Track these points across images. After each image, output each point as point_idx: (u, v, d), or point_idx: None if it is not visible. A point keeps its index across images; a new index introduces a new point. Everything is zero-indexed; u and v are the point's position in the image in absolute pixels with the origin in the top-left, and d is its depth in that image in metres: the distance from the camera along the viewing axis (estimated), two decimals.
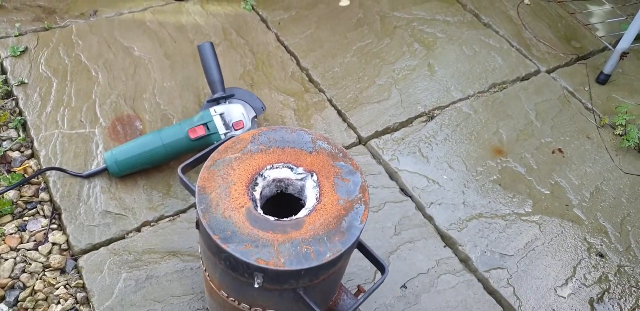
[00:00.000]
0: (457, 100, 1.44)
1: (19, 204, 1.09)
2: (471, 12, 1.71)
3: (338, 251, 0.61)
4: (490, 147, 1.34)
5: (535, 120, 1.42)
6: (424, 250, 1.12)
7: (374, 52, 1.52)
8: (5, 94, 1.28)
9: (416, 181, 1.23)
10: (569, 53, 1.63)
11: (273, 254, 0.59)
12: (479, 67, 1.53)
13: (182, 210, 1.11)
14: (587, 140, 1.40)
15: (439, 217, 1.18)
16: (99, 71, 1.35)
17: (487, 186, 1.25)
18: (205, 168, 0.66)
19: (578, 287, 1.11)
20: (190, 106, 1.30)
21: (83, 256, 1.02)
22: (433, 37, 1.60)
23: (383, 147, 1.29)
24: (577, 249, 1.17)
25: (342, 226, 0.63)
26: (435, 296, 1.05)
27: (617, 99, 1.52)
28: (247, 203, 0.63)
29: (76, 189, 1.11)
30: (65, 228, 1.06)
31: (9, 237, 1.04)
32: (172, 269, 1.02)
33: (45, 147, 1.18)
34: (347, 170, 0.69)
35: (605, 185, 1.30)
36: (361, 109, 1.37)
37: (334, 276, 0.69)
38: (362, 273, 1.06)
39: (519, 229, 1.18)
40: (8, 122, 1.23)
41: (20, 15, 1.46)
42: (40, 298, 0.98)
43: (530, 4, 1.78)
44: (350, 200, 0.66)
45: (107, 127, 1.23)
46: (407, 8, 1.68)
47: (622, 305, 1.09)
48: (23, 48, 1.36)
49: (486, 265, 1.11)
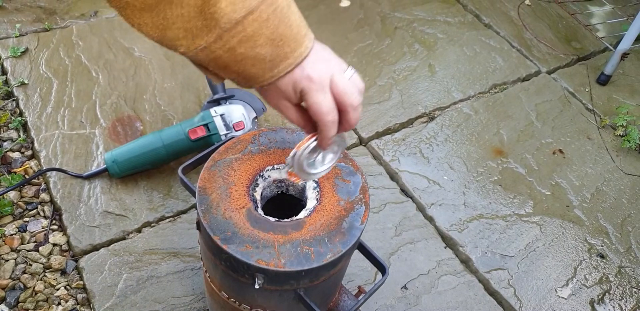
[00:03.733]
0: (458, 101, 1.44)
1: (19, 205, 1.09)
2: (472, 12, 1.71)
3: (338, 252, 0.61)
4: (490, 148, 1.34)
5: (536, 121, 1.42)
6: (424, 251, 1.12)
7: (374, 53, 1.52)
8: (6, 94, 1.29)
9: (417, 182, 1.23)
10: (570, 54, 1.63)
11: (274, 255, 0.59)
12: (479, 68, 1.53)
13: (182, 211, 1.11)
14: (588, 141, 1.40)
15: (439, 218, 1.17)
16: (99, 71, 1.35)
17: (487, 187, 1.25)
18: (205, 168, 0.66)
19: (579, 288, 1.11)
20: (191, 106, 1.30)
21: (84, 257, 1.02)
22: (434, 38, 1.60)
23: (384, 148, 1.29)
24: (578, 250, 1.17)
25: (343, 227, 0.63)
26: (435, 297, 1.05)
27: (618, 99, 1.52)
28: (248, 204, 0.63)
29: (77, 190, 1.11)
30: (66, 228, 1.06)
31: (10, 238, 1.04)
32: (173, 270, 1.02)
33: (46, 148, 1.18)
34: (347, 171, 0.69)
35: (606, 186, 1.30)
36: (362, 109, 1.37)
37: (334, 277, 0.69)
38: (363, 274, 1.06)
39: (519, 230, 1.18)
40: (8, 123, 1.23)
41: (21, 16, 1.46)
42: (41, 299, 0.97)
43: (531, 5, 1.78)
44: (350, 201, 0.66)
45: (108, 128, 1.23)
46: (407, 9, 1.68)
47: (623, 306, 1.09)
48: (23, 49, 1.36)
49: (487, 266, 1.11)
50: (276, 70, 0.47)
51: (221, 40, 0.44)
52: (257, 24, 0.44)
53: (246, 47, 0.45)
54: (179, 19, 0.43)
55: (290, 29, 0.47)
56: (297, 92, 0.51)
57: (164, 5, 0.42)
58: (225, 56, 0.45)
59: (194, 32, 0.44)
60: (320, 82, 0.50)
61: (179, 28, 0.43)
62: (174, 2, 0.42)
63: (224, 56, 0.45)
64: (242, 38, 0.44)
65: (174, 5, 0.42)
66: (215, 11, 0.42)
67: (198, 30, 0.43)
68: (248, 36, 0.44)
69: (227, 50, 0.45)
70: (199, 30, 0.43)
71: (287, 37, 0.46)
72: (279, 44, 0.46)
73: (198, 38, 0.44)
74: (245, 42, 0.45)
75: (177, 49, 0.45)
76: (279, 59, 0.47)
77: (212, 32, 0.43)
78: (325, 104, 0.50)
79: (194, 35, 0.44)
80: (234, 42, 0.44)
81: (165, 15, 0.43)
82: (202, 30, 0.43)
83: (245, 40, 0.44)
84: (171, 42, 0.45)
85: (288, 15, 0.46)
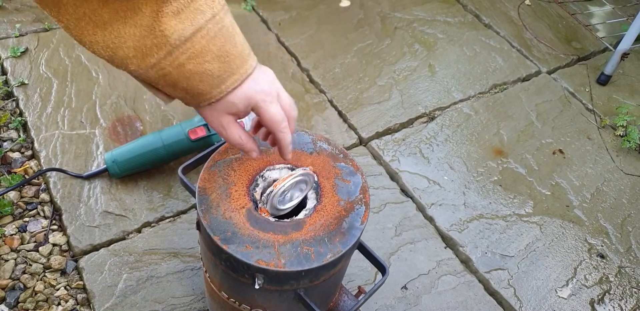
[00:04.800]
0: (458, 101, 1.44)
1: (19, 205, 1.09)
2: (472, 12, 1.71)
3: (338, 252, 0.61)
4: (491, 148, 1.34)
5: (536, 121, 1.42)
6: (424, 251, 1.12)
7: (374, 53, 1.52)
8: (6, 94, 1.29)
9: (417, 182, 1.23)
10: (570, 54, 1.63)
11: (274, 255, 0.59)
12: (479, 68, 1.53)
13: (182, 211, 1.11)
14: (588, 141, 1.40)
15: (439, 218, 1.17)
16: (99, 71, 1.35)
17: (487, 187, 1.25)
18: (205, 168, 0.66)
19: (579, 288, 1.10)
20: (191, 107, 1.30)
21: (83, 257, 1.02)
22: (434, 38, 1.60)
23: (384, 148, 1.29)
24: (578, 250, 1.17)
25: (343, 227, 0.63)
26: (435, 297, 1.05)
27: (618, 99, 1.52)
28: (248, 204, 0.63)
29: (76, 190, 1.11)
30: (66, 228, 1.06)
31: (10, 238, 1.04)
32: (173, 270, 1.02)
33: (46, 148, 1.18)
34: (347, 171, 0.69)
35: (606, 186, 1.30)
36: (362, 109, 1.37)
37: (334, 277, 0.69)
38: (363, 274, 1.06)
39: (519, 230, 1.18)
40: (8, 123, 1.23)
41: (21, 16, 1.46)
42: (41, 299, 0.97)
43: (531, 5, 1.78)
44: (350, 201, 0.66)
45: (108, 128, 1.23)
46: (407, 9, 1.68)
47: (623, 306, 1.09)
48: (23, 49, 1.36)
49: (487, 266, 1.11)
50: (224, 85, 0.50)
51: (171, 57, 0.46)
52: (205, 41, 0.47)
53: (195, 63, 0.47)
54: (131, 37, 0.45)
55: (235, 47, 0.50)
56: (248, 106, 0.54)
57: (118, 24, 0.44)
58: (175, 72, 0.48)
59: (144, 50, 0.46)
60: (272, 94, 0.54)
61: (129, 47, 0.45)
62: (128, 22, 0.44)
63: (173, 72, 0.48)
64: (191, 54, 0.47)
65: (127, 24, 0.44)
66: (165, 29, 0.45)
67: (148, 48, 0.46)
68: (197, 52, 0.47)
69: (176, 67, 0.47)
70: (149, 48, 0.46)
71: (232, 54, 0.49)
72: (226, 60, 0.49)
73: (148, 56, 0.46)
74: (194, 58, 0.47)
75: (128, 67, 0.47)
76: (227, 75, 0.50)
77: (162, 49, 0.46)
78: (280, 113, 0.55)
79: (144, 54, 0.46)
80: (183, 58, 0.47)
81: (119, 33, 0.45)
82: (152, 49, 0.46)
83: (193, 57, 0.47)
84: (121, 61, 0.47)
85: (233, 34, 0.49)
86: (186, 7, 0.45)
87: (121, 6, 0.43)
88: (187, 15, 0.45)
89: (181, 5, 0.45)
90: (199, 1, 0.46)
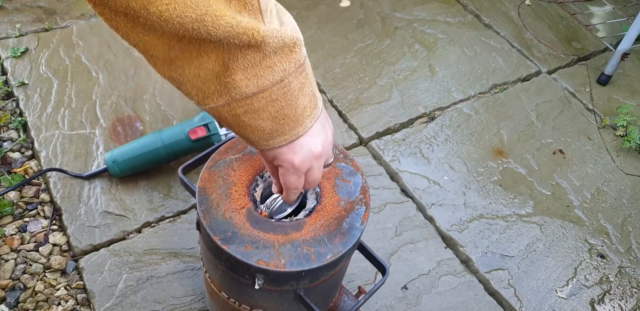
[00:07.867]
0: (458, 101, 1.44)
1: (19, 205, 1.09)
2: (472, 12, 1.71)
3: (339, 253, 0.61)
4: (491, 148, 1.34)
5: (536, 121, 1.42)
6: (424, 251, 1.12)
7: (374, 53, 1.52)
8: (6, 95, 1.28)
9: (417, 182, 1.23)
10: (570, 54, 1.63)
11: (274, 255, 0.59)
12: (479, 68, 1.53)
13: (182, 211, 1.11)
14: (588, 141, 1.40)
15: (439, 218, 1.17)
16: (99, 71, 1.35)
17: (488, 187, 1.25)
18: (205, 168, 0.66)
19: (579, 288, 1.10)
20: (191, 106, 1.30)
21: (84, 257, 1.02)
22: (434, 38, 1.60)
23: (384, 148, 1.29)
24: (578, 250, 1.17)
25: (343, 227, 0.63)
26: (436, 297, 1.05)
27: (618, 100, 1.52)
28: (248, 204, 0.63)
29: (77, 190, 1.11)
30: (66, 229, 1.06)
31: (10, 238, 1.04)
32: (173, 270, 1.02)
33: (46, 148, 1.18)
34: (347, 171, 0.69)
35: (606, 186, 1.30)
36: (362, 110, 1.37)
37: (334, 278, 0.69)
38: (363, 274, 1.06)
39: (519, 230, 1.18)
40: (8, 123, 1.23)
41: (21, 16, 1.46)
42: (41, 299, 0.97)
43: (531, 5, 1.78)
44: (351, 201, 0.66)
45: (108, 128, 1.23)
46: (407, 9, 1.68)
47: (623, 306, 1.09)
48: (23, 49, 1.36)
49: (487, 266, 1.11)
50: (272, 141, 0.51)
51: (228, 107, 0.47)
52: (265, 101, 0.47)
53: (249, 117, 0.48)
54: (195, 78, 0.45)
55: (294, 110, 0.49)
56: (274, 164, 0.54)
57: (181, 61, 0.44)
58: (230, 119, 0.49)
59: (205, 92, 0.46)
60: (300, 168, 0.53)
61: (192, 86, 0.46)
62: (193, 63, 0.44)
63: (229, 118, 0.49)
64: (248, 109, 0.47)
65: (192, 65, 0.44)
66: (229, 82, 0.45)
67: (210, 92, 0.46)
68: (254, 109, 0.47)
69: (232, 116, 0.48)
70: (211, 92, 0.46)
71: (289, 117, 0.49)
72: (280, 122, 0.49)
73: (208, 99, 0.47)
74: (250, 113, 0.48)
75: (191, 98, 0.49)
76: (277, 134, 0.50)
77: (222, 97, 0.46)
78: (296, 184, 0.55)
79: (205, 96, 0.47)
80: (240, 111, 0.47)
81: (183, 71, 0.45)
82: (213, 94, 0.46)
83: (250, 112, 0.48)
84: (185, 93, 0.48)
85: (297, 97, 0.49)
86: (259, 62, 0.45)
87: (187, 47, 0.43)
88: (256, 72, 0.45)
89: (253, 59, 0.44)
90: (273, 58, 0.45)
